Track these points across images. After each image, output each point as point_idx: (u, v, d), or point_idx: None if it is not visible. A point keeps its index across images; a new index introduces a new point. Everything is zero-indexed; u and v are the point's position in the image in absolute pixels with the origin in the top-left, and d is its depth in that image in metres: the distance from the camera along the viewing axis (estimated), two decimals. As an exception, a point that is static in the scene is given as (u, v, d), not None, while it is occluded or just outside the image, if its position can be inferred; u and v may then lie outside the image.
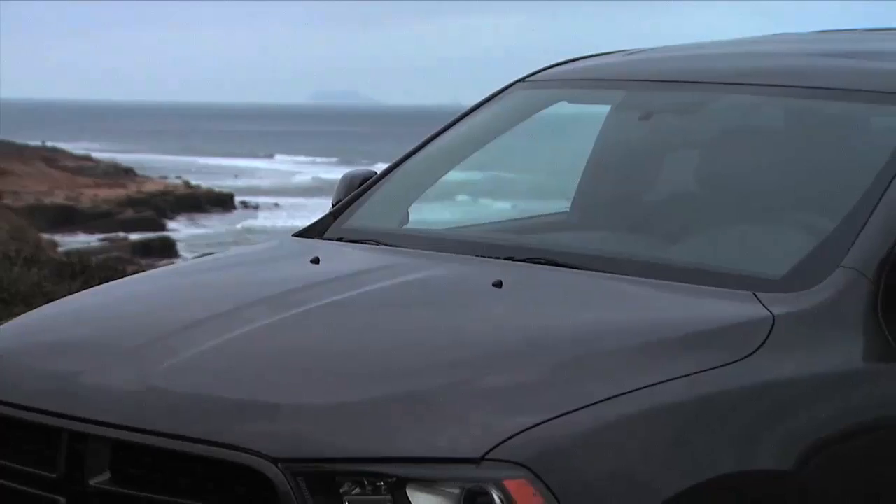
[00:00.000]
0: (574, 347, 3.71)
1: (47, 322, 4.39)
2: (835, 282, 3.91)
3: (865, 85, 4.64)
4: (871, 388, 3.86)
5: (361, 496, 3.28)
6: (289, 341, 3.83)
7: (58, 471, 3.58)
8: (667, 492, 3.38)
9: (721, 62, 5.16)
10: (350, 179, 5.26)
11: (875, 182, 4.14)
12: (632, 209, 5.05)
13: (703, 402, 3.57)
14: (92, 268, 14.17)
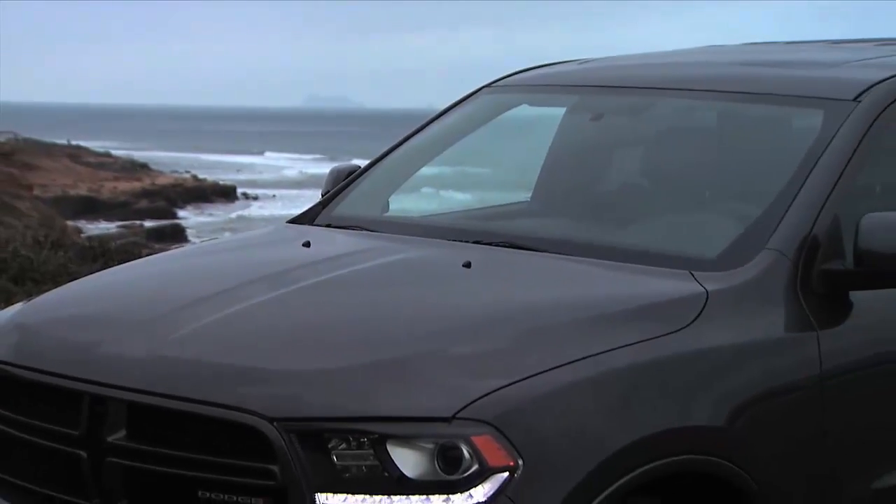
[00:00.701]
0: (534, 320, 3.72)
1: (71, 298, 4.39)
2: (760, 262, 3.93)
3: (786, 90, 4.66)
4: (790, 353, 3.88)
5: (347, 451, 3.29)
6: (283, 315, 3.83)
7: (80, 429, 3.58)
8: (613, 445, 3.40)
9: (661, 70, 5.18)
10: (337, 173, 5.28)
11: (795, 175, 4.16)
12: (585, 199, 5.05)
13: (646, 367, 3.58)
14: (111, 251, 14.12)
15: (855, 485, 3.98)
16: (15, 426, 3.78)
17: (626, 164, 5.13)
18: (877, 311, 4.04)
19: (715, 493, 3.66)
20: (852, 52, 5.10)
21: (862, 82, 4.43)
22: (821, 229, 4.00)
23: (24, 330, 4.04)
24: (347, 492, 3.27)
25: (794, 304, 3.91)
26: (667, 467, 3.52)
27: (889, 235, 3.89)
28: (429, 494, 3.26)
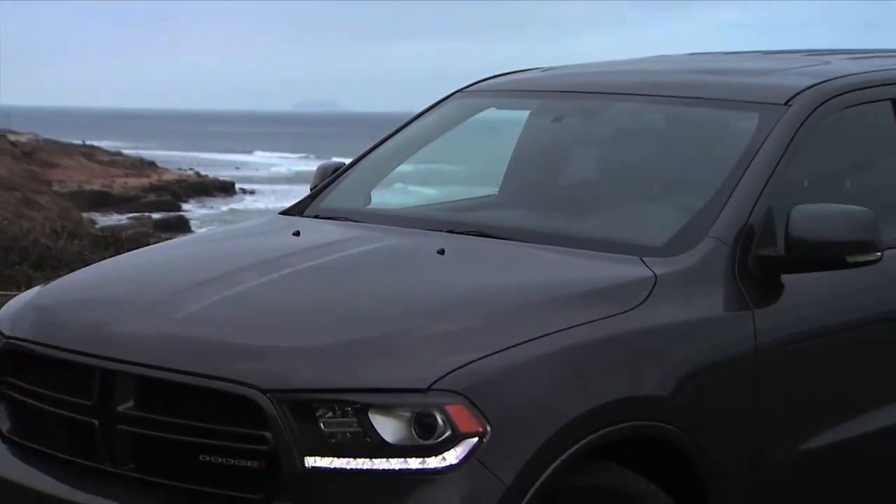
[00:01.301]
0: (501, 301, 3.71)
1: (84, 282, 4.37)
2: (702, 248, 3.94)
3: (725, 95, 4.67)
4: (729, 330, 3.89)
5: (333, 419, 3.29)
6: (275, 297, 3.83)
7: (92, 399, 3.58)
8: (571, 413, 3.41)
9: (614, 77, 5.18)
10: (324, 169, 5.28)
11: (733, 171, 4.16)
12: (547, 192, 5.05)
13: (601, 343, 3.59)
14: (122, 240, 14.11)
15: (785, 447, 4.00)
16: (35, 397, 3.78)
17: (583, 162, 5.14)
18: (805, 292, 4.06)
19: (662, 455, 3.67)
20: (783, 62, 5.11)
21: (792, 88, 4.43)
22: (756, 219, 4.01)
23: (42, 310, 4.02)
24: (333, 455, 3.28)
25: (732, 286, 3.92)
26: (619, 433, 3.53)
27: (815, 225, 3.92)
28: (406, 458, 3.26)
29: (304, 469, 3.28)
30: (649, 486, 3.58)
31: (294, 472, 3.28)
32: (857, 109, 4.56)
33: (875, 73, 4.74)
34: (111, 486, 3.53)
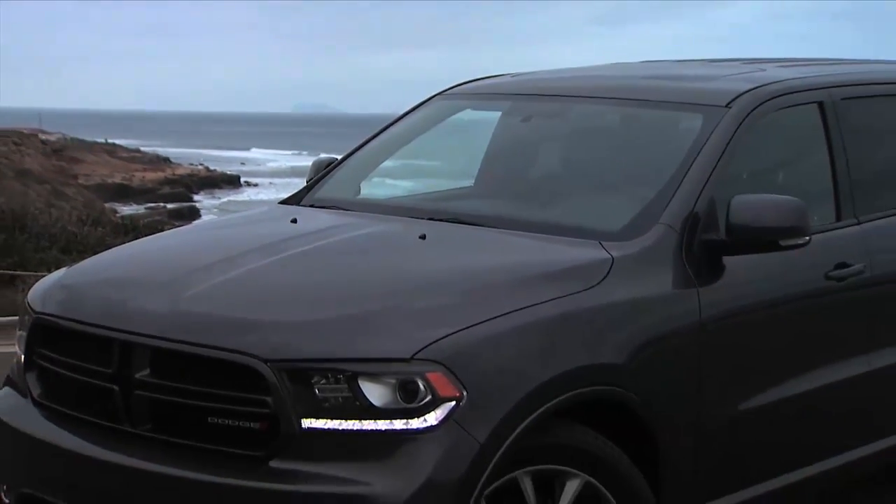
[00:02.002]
0: (475, 280, 3.71)
1: (105, 264, 4.34)
2: (654, 233, 3.94)
3: (674, 98, 4.66)
4: (677, 305, 3.89)
5: (326, 385, 3.29)
6: (275, 277, 3.81)
7: (112, 367, 3.56)
8: (538, 379, 3.41)
9: (577, 82, 5.18)
10: (319, 163, 5.26)
11: (680, 165, 4.16)
12: (517, 184, 5.04)
13: (565, 317, 3.59)
14: (140, 227, 14.14)
15: (726, 406, 4.01)
16: (61, 366, 3.76)
17: (549, 157, 5.12)
18: (743, 272, 4.06)
19: (618, 416, 3.67)
20: (724, 69, 5.11)
21: (731, 92, 4.44)
22: (700, 208, 4.02)
23: (67, 289, 4.00)
24: (327, 418, 3.28)
25: (679, 266, 3.92)
26: (580, 396, 3.53)
27: (752, 213, 3.94)
28: (392, 419, 3.26)
29: (301, 430, 3.27)
30: (606, 444, 3.58)
31: (292, 433, 3.28)
32: (788, 111, 4.57)
33: (804, 79, 4.76)
34: (130, 445, 3.52)
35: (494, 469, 3.31)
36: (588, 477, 3.51)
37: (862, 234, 4.59)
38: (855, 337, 4.55)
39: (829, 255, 4.40)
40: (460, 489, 3.24)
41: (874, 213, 4.69)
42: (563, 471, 3.49)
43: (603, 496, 3.54)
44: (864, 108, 4.88)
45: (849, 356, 4.50)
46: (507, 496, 3.43)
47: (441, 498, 3.23)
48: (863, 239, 4.58)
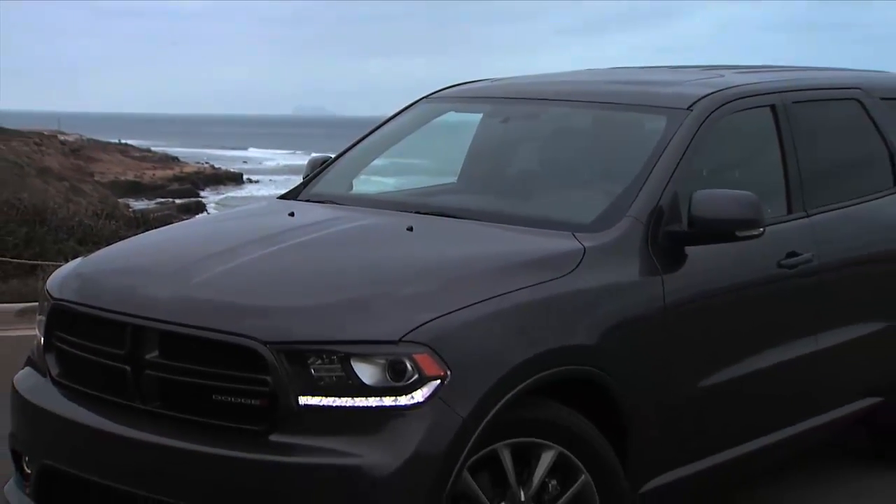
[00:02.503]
0: (459, 269, 3.70)
1: (118, 254, 4.31)
2: (622, 225, 3.94)
3: (640, 101, 4.65)
4: (643, 291, 3.89)
5: (322, 365, 3.27)
6: (274, 266, 3.79)
7: (124, 349, 3.54)
8: (516, 360, 3.41)
9: (552, 86, 5.16)
10: (314, 161, 5.24)
11: (646, 163, 4.16)
12: (496, 180, 5.03)
13: (540, 302, 3.58)
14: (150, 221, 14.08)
15: (687, 384, 4.01)
16: (78, 348, 3.74)
17: (526, 155, 5.11)
18: (704, 260, 4.06)
19: (589, 393, 3.67)
20: (686, 75, 5.11)
21: (693, 96, 4.44)
22: (665, 202, 4.02)
23: (83, 277, 3.97)
24: (322, 395, 3.27)
25: (645, 255, 3.92)
26: (554, 375, 3.53)
27: (712, 206, 3.94)
28: (382, 397, 3.25)
29: (298, 406, 3.26)
30: (578, 418, 3.58)
31: (290, 409, 3.27)
32: (743, 113, 4.58)
33: (758, 85, 4.77)
34: (141, 420, 3.50)
35: (476, 442, 3.30)
36: (561, 448, 3.51)
37: (810, 225, 4.61)
38: (803, 319, 4.56)
39: (780, 245, 4.40)
40: (445, 461, 3.24)
41: (821, 207, 4.70)
42: (538, 443, 3.49)
43: (575, 466, 3.54)
44: (811, 110, 4.89)
45: (798, 337, 4.51)
46: (487, 467, 3.43)
47: (427, 469, 3.22)
48: (811, 230, 4.59)
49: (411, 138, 5.18)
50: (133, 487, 3.46)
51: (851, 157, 5.13)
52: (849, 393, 4.85)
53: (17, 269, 10.50)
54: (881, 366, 4.95)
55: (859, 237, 4.86)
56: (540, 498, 3.52)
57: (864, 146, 5.18)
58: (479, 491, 3.41)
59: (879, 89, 5.32)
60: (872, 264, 4.92)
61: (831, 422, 4.77)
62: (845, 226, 4.79)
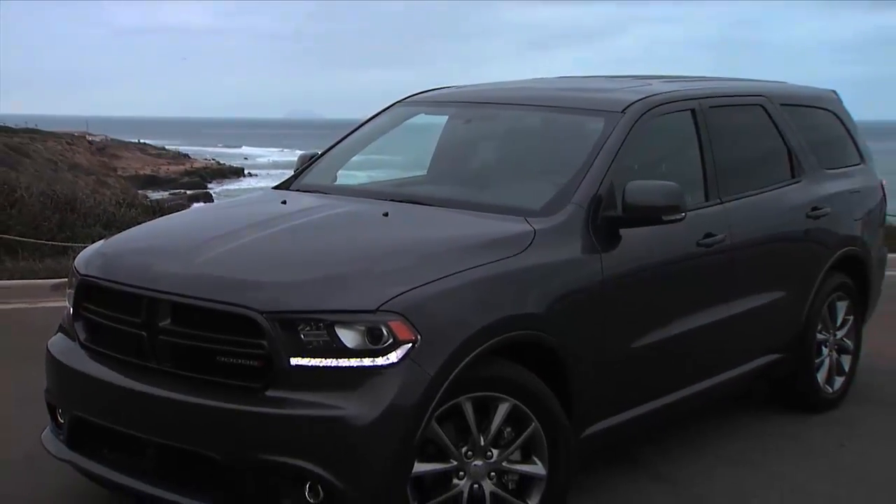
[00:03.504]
0: (428, 248, 3.65)
1: (136, 236, 4.23)
2: (567, 211, 3.91)
3: (582, 105, 4.61)
4: (585, 267, 3.86)
5: (310, 331, 3.23)
6: (269, 246, 3.73)
7: (141, 318, 3.49)
8: (477, 325, 3.38)
9: (507, 92, 5.10)
10: (303, 157, 5.18)
11: (587, 158, 4.13)
12: (460, 173, 4.98)
13: (497, 277, 3.55)
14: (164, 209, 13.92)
15: (621, 345, 4.00)
16: (102, 317, 3.68)
17: (485, 151, 5.06)
18: (635, 240, 4.04)
19: (538, 354, 3.65)
20: (620, 83, 5.08)
21: (626, 101, 4.42)
22: (603, 191, 3.99)
23: (106, 256, 3.89)
24: (310, 357, 3.22)
25: (586, 236, 3.89)
26: (509, 339, 3.50)
27: (642, 195, 3.93)
28: (362, 358, 3.21)
29: (290, 366, 3.22)
30: (530, 375, 3.56)
31: (283, 369, 3.22)
32: (668, 116, 4.56)
33: (680, 92, 4.76)
34: (156, 378, 3.45)
35: (442, 396, 3.28)
36: (515, 401, 3.49)
37: (724, 211, 4.61)
38: (718, 290, 4.56)
39: (699, 228, 4.40)
40: (415, 412, 3.21)
41: (733, 195, 4.71)
42: (496, 396, 3.46)
43: (526, 415, 3.52)
44: (724, 114, 4.90)
45: (713, 305, 4.52)
46: (452, 417, 3.41)
47: (400, 418, 3.19)
48: (724, 215, 4.60)
49: (386, 137, 5.11)
50: (149, 434, 3.42)
51: (757, 154, 5.14)
52: (754, 351, 4.89)
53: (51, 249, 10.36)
54: (780, 328, 5.01)
55: (763, 221, 4.88)
56: (496, 443, 3.50)
57: (767, 145, 5.20)
58: (445, 437, 3.39)
59: (779, 97, 5.36)
60: (774, 243, 4.94)
61: (740, 375, 4.80)
62: (752, 211, 4.80)
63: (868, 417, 5.29)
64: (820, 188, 5.30)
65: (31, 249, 10.18)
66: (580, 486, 4.07)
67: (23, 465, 4.30)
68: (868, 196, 5.71)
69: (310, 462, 3.16)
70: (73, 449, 3.69)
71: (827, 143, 5.59)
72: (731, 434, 4.97)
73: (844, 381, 5.50)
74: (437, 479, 3.41)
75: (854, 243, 5.44)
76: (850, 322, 5.53)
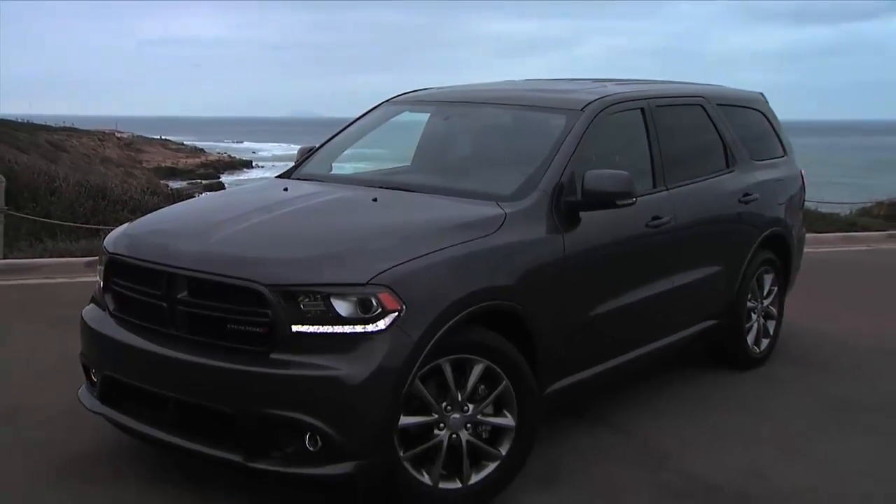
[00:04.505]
0: (412, 229, 3.58)
1: (157, 219, 4.13)
2: (533, 197, 3.85)
3: (546, 104, 4.54)
4: (549, 245, 3.80)
5: (309, 302, 3.16)
6: (273, 228, 3.65)
7: (161, 290, 3.42)
8: (455, 296, 3.32)
9: (481, 93, 5.01)
10: (302, 150, 5.07)
11: (551, 150, 4.07)
12: (440, 163, 4.90)
13: (473, 254, 3.48)
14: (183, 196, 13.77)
15: (580, 312, 3.96)
16: (129, 290, 3.60)
17: (463, 145, 4.98)
18: (593, 222, 3.99)
19: (509, 321, 3.59)
20: (580, 85, 5.01)
21: (585, 100, 4.36)
22: (565, 179, 3.93)
23: (131, 237, 3.80)
24: (309, 324, 3.16)
25: (551, 219, 3.83)
26: (483, 308, 3.44)
27: (599, 182, 3.87)
28: (354, 325, 3.15)
29: (291, 332, 3.16)
30: (501, 339, 3.50)
31: (285, 334, 3.16)
32: (621, 114, 4.50)
33: (631, 93, 4.69)
34: (175, 343, 3.37)
35: (425, 358, 3.22)
36: (488, 362, 3.43)
37: (669, 197, 4.57)
38: (663, 265, 4.52)
39: (648, 211, 4.35)
40: (401, 372, 3.16)
41: (677, 183, 4.68)
42: (471, 358, 3.41)
43: (498, 374, 3.47)
44: (669, 112, 4.85)
45: (660, 278, 4.48)
46: (433, 376, 3.35)
47: (388, 377, 3.14)
48: (669, 200, 4.55)
49: (375, 132, 5.03)
50: (169, 391, 3.36)
51: (697, 147, 5.11)
52: (694, 317, 4.87)
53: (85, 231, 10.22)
54: (716, 298, 4.99)
55: (702, 205, 4.84)
56: (472, 398, 3.45)
57: (705, 139, 5.17)
58: (427, 394, 3.34)
59: (716, 98, 5.34)
60: (711, 224, 4.92)
61: (682, 338, 4.78)
62: (693, 197, 4.76)
63: (789, 375, 5.31)
64: (750, 177, 5.29)
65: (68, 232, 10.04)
66: (544, 434, 4.05)
67: (64, 417, 4.28)
68: (790, 184, 5.72)
69: (309, 415, 3.10)
70: (104, 404, 3.63)
71: (756, 138, 5.58)
72: (674, 389, 4.97)
73: (769, 342, 5.53)
74: (421, 429, 3.36)
75: (778, 224, 5.45)
76: (774, 292, 5.54)
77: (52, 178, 12.15)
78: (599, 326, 4.07)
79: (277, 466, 3.17)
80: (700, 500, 3.62)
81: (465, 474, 3.43)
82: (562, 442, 4.13)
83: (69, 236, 9.91)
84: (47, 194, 11.34)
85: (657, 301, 4.44)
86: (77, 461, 3.81)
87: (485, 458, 3.48)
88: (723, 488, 3.73)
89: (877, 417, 4.64)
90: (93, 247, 8.59)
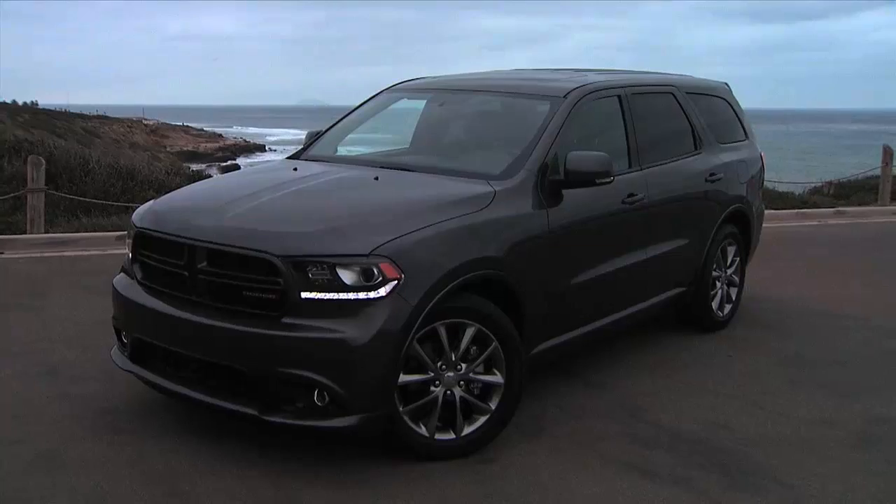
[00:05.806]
0: (410, 205, 3.53)
1: (179, 196, 4.06)
2: (520, 175, 3.80)
3: (533, 91, 4.47)
4: (534, 220, 3.76)
5: (317, 272, 3.13)
6: (283, 204, 3.59)
7: (183, 261, 3.38)
8: (449, 266, 3.29)
9: (474, 81, 4.93)
10: (310, 134, 5.01)
11: (536, 133, 4.02)
12: (436, 145, 4.82)
13: (465, 228, 3.44)
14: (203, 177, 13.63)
15: (563, 281, 3.92)
16: (154, 261, 3.57)
17: (456, 128, 4.89)
18: (574, 199, 3.95)
19: (498, 289, 3.56)
20: (563, 75, 4.93)
21: (567, 88, 4.30)
22: (549, 159, 3.89)
23: (156, 212, 3.75)
24: (317, 291, 3.13)
25: (536, 196, 3.78)
26: (475, 277, 3.41)
27: (579, 163, 3.83)
28: (357, 292, 3.12)
29: (301, 299, 3.12)
30: (491, 305, 3.47)
31: (295, 301, 3.13)
32: (600, 101, 4.44)
33: (610, 81, 4.63)
34: (196, 308, 3.34)
35: (422, 322, 3.20)
36: (479, 326, 3.41)
37: (643, 176, 4.52)
38: (638, 238, 4.49)
39: (624, 189, 4.31)
40: (401, 334, 3.14)
41: (650, 164, 4.63)
42: (464, 322, 3.38)
43: (488, 336, 3.44)
44: (644, 100, 4.79)
45: (634, 249, 4.45)
46: (430, 339, 3.33)
47: (389, 340, 3.11)
48: (643, 179, 4.51)
49: (377, 118, 4.96)
50: (191, 352, 3.33)
51: (668, 132, 5.05)
52: (665, 285, 4.84)
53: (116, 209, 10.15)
54: (684, 267, 4.97)
55: (673, 184, 4.80)
56: (465, 358, 3.43)
57: (676, 124, 5.12)
58: (423, 354, 3.32)
59: (685, 87, 5.29)
60: (681, 201, 4.88)
61: (654, 303, 4.76)
62: (664, 176, 4.72)
63: (749, 336, 5.30)
64: (716, 158, 5.25)
65: (101, 209, 9.98)
66: (529, 391, 4.03)
67: (98, 373, 4.29)
68: (752, 165, 5.69)
69: (317, 373, 3.08)
70: (134, 362, 3.62)
71: (721, 124, 5.53)
72: (646, 349, 4.95)
73: (732, 307, 5.52)
74: (418, 386, 3.34)
75: (741, 201, 5.41)
76: (737, 262, 5.53)
77: (86, 160, 12.03)
78: (580, 293, 4.04)
79: (289, 419, 3.15)
80: (669, 449, 3.62)
81: (459, 426, 3.42)
82: (545, 397, 4.11)
83: (102, 213, 9.87)
84: (82, 175, 11.23)
85: (632, 270, 4.41)
86: (109, 413, 3.82)
87: (476, 412, 3.46)
88: (690, 438, 3.72)
89: (827, 372, 4.65)
90: (123, 222, 8.57)
